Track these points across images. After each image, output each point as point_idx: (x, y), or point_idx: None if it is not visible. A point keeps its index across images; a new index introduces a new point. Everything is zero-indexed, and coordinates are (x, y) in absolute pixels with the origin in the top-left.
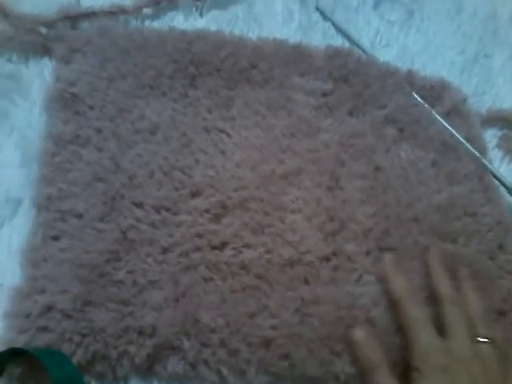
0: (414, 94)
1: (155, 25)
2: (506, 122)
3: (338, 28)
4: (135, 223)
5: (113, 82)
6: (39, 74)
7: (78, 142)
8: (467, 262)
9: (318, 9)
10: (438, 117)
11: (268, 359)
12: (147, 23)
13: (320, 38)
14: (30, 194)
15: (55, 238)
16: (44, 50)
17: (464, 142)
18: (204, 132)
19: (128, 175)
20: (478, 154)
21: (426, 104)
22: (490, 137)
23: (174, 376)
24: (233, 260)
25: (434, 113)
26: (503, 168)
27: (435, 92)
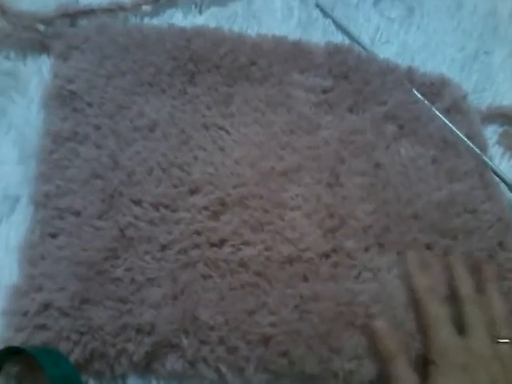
0: (414, 91)
1: (154, 22)
2: (507, 118)
3: (337, 25)
4: (133, 220)
5: (111, 79)
6: (37, 72)
7: (76, 139)
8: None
9: (317, 5)
10: (438, 113)
11: (267, 357)
12: (146, 20)
13: (320, 34)
14: (27, 191)
15: (53, 236)
16: (42, 47)
17: (464, 138)
18: (203, 129)
19: (126, 172)
20: (479, 151)
21: (426, 101)
22: (491, 133)
23: (172, 374)
24: (232, 257)
25: (434, 109)
26: (503, 165)
27: (435, 89)
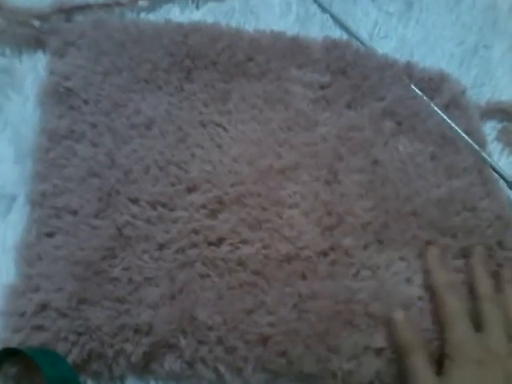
0: (412, 86)
1: (151, 17)
2: (506, 114)
3: (336, 20)
4: (131, 219)
5: (108, 76)
6: (33, 68)
7: (73, 137)
8: None
9: (315, 0)
10: (437, 109)
11: (265, 356)
12: (143, 16)
13: (318, 29)
14: (24, 190)
15: (50, 235)
16: (38, 43)
17: (463, 134)
18: (200, 126)
19: (123, 171)
20: (478, 147)
21: (424, 96)
22: (490, 129)
23: (170, 374)
24: (230, 256)
25: (432, 105)
26: (503, 161)
27: (434, 84)
